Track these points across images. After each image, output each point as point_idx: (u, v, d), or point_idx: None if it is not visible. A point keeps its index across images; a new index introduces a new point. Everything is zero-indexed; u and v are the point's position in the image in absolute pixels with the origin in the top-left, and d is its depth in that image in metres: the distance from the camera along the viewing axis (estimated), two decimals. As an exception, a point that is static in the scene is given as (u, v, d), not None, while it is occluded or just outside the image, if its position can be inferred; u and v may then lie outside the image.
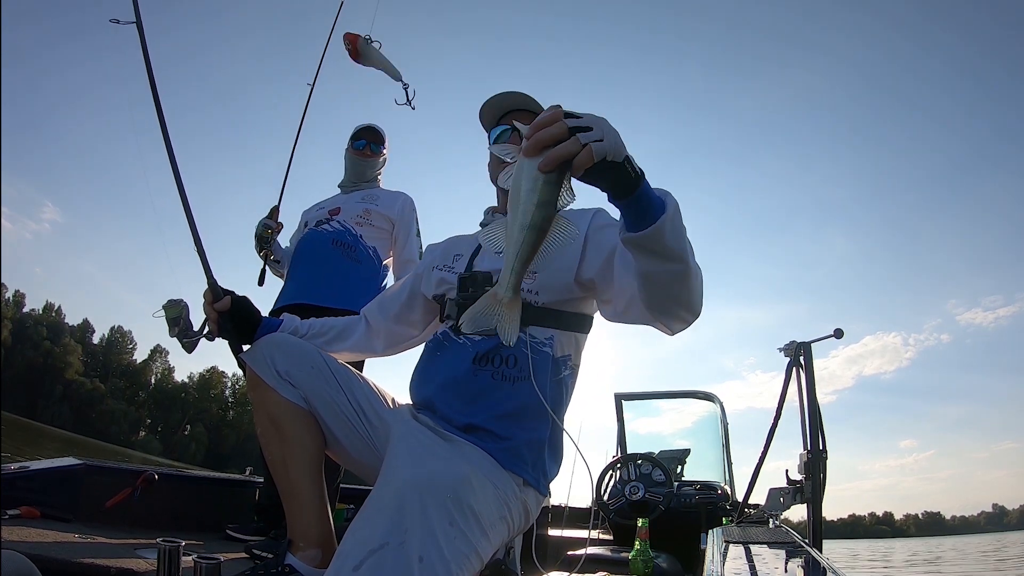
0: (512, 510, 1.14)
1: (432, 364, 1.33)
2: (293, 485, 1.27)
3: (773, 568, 1.49)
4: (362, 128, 2.60)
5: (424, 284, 1.45)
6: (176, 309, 1.42)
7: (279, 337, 1.34)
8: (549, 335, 1.25)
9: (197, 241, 1.42)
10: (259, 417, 1.30)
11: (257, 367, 1.28)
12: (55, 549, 1.50)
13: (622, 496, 2.95)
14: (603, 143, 0.77)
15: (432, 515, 0.94)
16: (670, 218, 0.88)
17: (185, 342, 1.42)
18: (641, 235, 0.88)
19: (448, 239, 1.54)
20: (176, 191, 1.44)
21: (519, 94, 1.40)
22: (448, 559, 0.92)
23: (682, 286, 0.98)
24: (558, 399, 1.26)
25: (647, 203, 0.87)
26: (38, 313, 56.87)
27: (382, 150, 2.62)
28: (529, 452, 1.20)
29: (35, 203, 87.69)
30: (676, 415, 4.24)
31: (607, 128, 0.79)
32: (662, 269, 0.94)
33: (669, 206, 0.88)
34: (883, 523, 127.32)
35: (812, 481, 2.41)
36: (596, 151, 0.76)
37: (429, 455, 1.12)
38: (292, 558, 1.24)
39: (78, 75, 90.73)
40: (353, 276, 2.38)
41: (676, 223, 0.90)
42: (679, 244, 0.92)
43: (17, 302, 55.28)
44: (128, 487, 2.11)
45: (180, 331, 1.41)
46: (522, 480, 1.17)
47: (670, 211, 0.88)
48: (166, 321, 1.43)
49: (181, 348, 1.43)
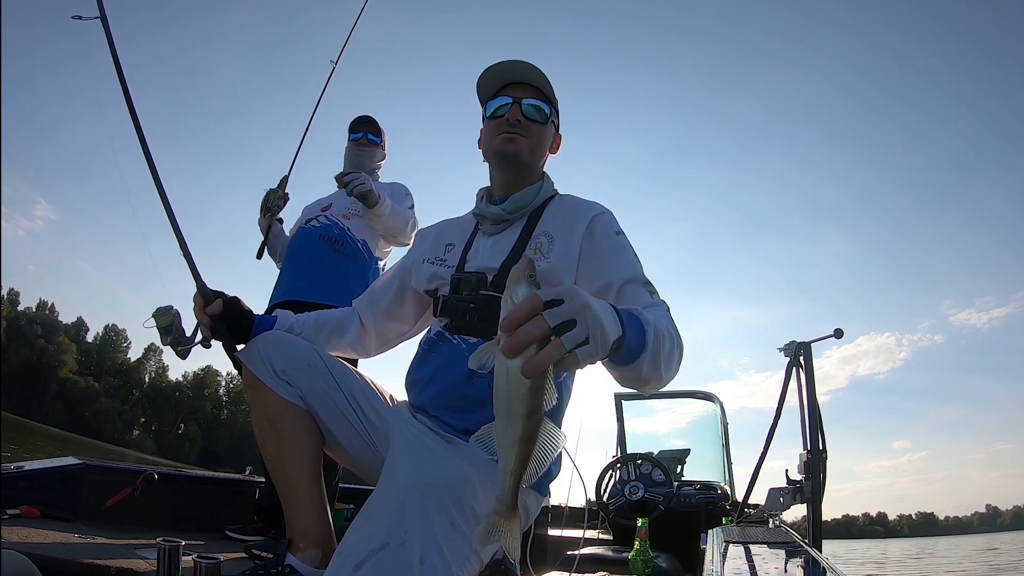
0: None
1: (426, 365, 1.31)
2: (292, 485, 1.27)
3: (773, 568, 1.49)
4: (358, 119, 2.59)
5: (414, 278, 1.42)
6: (167, 317, 1.36)
7: (275, 335, 1.32)
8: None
9: (183, 245, 1.37)
10: (257, 417, 1.28)
11: (254, 367, 1.26)
12: (55, 549, 1.50)
13: (622, 496, 2.95)
14: (588, 347, 0.72)
15: (433, 516, 0.94)
16: (650, 354, 0.88)
17: (179, 350, 1.37)
18: (621, 370, 0.90)
19: (438, 224, 1.50)
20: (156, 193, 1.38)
21: (523, 63, 1.31)
22: (449, 560, 0.93)
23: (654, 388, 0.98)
24: (557, 401, 1.25)
25: (627, 351, 0.85)
26: (32, 311, 56.59)
27: (380, 141, 2.61)
28: None
29: (28, 200, 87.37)
30: (671, 415, 4.25)
31: (591, 319, 0.73)
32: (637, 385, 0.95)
33: (649, 344, 0.88)
34: (877, 523, 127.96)
35: (812, 481, 2.41)
36: (581, 357, 0.72)
37: (430, 455, 1.12)
38: (292, 558, 1.23)
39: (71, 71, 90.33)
40: (342, 270, 2.36)
41: (656, 356, 0.90)
42: (656, 372, 0.92)
43: (11, 300, 54.95)
44: (128, 487, 2.10)
45: (173, 339, 1.36)
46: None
47: (650, 349, 0.88)
48: (157, 330, 1.39)
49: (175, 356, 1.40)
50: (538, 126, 1.33)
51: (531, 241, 1.27)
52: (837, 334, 2.62)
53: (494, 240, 1.32)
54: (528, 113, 1.31)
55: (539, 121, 1.32)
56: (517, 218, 1.32)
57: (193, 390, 63.21)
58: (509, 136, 1.30)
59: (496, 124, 1.32)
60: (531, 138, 1.32)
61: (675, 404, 4.07)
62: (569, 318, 0.71)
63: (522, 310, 0.70)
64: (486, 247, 1.32)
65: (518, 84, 1.33)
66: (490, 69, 1.33)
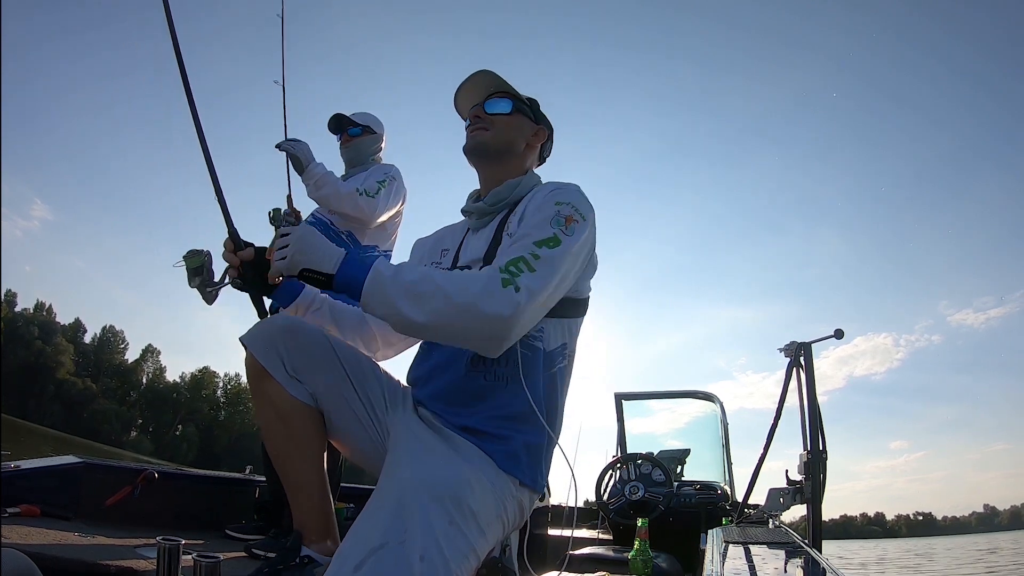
0: (508, 510, 1.15)
1: (427, 362, 1.32)
2: (300, 479, 1.27)
3: (773, 568, 1.50)
4: (329, 121, 2.56)
5: None
6: (198, 259, 1.38)
7: (285, 321, 1.28)
8: (539, 327, 1.20)
9: (218, 189, 1.35)
10: (263, 409, 1.25)
11: (265, 360, 1.22)
12: (55, 548, 1.49)
13: (622, 496, 2.95)
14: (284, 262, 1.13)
15: (432, 515, 0.96)
16: (370, 293, 1.08)
17: (208, 291, 1.38)
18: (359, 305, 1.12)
19: (437, 232, 1.51)
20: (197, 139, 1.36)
21: (492, 75, 1.36)
22: (448, 558, 0.94)
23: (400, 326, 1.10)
24: (553, 394, 1.25)
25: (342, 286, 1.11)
26: (29, 312, 56.45)
27: (359, 131, 2.55)
28: (526, 454, 1.19)
29: (25, 200, 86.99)
30: (669, 415, 4.25)
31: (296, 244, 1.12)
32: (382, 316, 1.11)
33: (365, 285, 1.08)
34: (874, 523, 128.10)
35: (812, 481, 2.42)
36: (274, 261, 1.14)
37: (429, 455, 1.12)
38: (308, 549, 1.23)
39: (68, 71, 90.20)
40: None
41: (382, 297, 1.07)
42: (387, 309, 1.08)
43: (8, 301, 54.82)
44: (128, 486, 2.10)
45: (202, 281, 1.38)
46: (518, 481, 1.17)
47: (366, 290, 1.08)
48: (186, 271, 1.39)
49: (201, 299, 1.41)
50: (502, 117, 1.37)
51: (507, 228, 1.29)
52: (837, 334, 2.62)
53: (479, 234, 1.36)
54: (489, 108, 1.37)
55: (502, 112, 1.38)
56: (499, 210, 1.35)
57: (190, 391, 63.09)
58: (473, 131, 1.37)
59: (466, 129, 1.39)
60: (494, 128, 1.36)
61: (675, 404, 4.08)
62: (284, 235, 1.14)
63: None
64: (474, 243, 1.35)
65: (466, 88, 1.39)
66: (463, 86, 1.39)
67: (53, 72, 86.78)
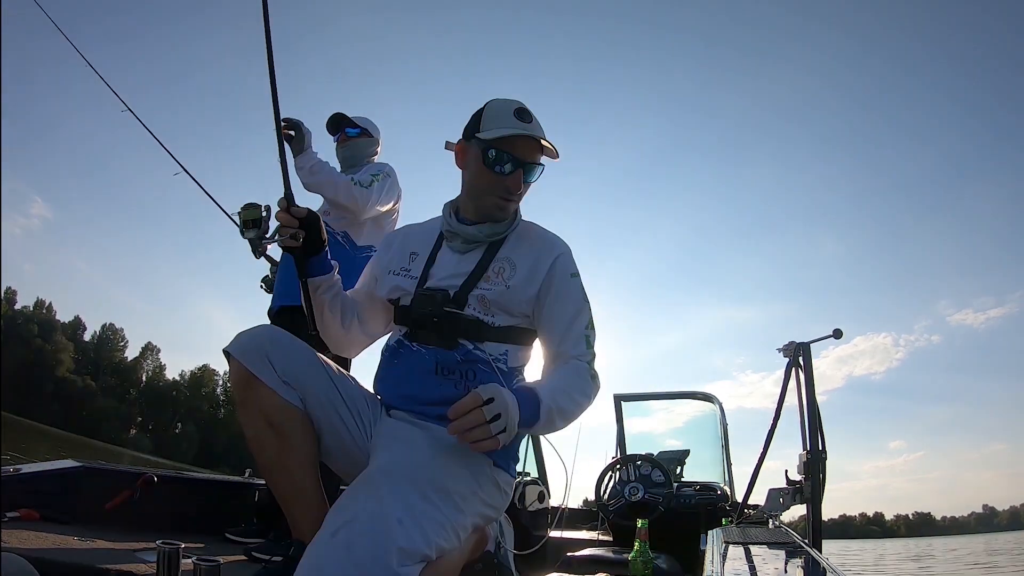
0: (483, 487, 1.22)
1: (392, 372, 1.36)
2: (298, 486, 1.26)
3: (773, 569, 1.50)
4: (328, 121, 2.53)
5: (380, 287, 1.44)
6: (255, 211, 1.43)
7: (270, 331, 1.30)
8: (503, 351, 1.32)
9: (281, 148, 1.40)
10: (251, 418, 1.23)
11: (253, 366, 1.22)
12: (54, 552, 1.50)
13: (622, 497, 2.95)
14: (505, 434, 1.06)
15: (406, 491, 1.04)
16: (541, 426, 1.19)
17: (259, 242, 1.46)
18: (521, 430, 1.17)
19: (403, 229, 1.54)
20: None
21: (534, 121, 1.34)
22: (424, 527, 1.02)
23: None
24: None
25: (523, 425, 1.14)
26: (29, 310, 56.43)
27: (357, 131, 2.53)
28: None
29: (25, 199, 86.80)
30: (667, 415, 4.25)
31: (511, 414, 1.07)
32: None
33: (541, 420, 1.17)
34: (873, 523, 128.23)
35: (812, 481, 2.42)
36: (501, 440, 1.06)
37: (403, 444, 1.20)
38: None
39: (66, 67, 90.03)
40: None
41: (549, 425, 1.21)
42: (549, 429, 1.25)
43: (8, 299, 54.78)
44: (127, 489, 2.10)
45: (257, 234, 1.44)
46: (491, 461, 1.25)
47: (541, 423, 1.18)
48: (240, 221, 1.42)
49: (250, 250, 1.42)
50: (528, 187, 1.39)
51: (493, 264, 1.34)
52: (836, 334, 2.62)
53: (459, 258, 1.37)
54: (528, 180, 1.37)
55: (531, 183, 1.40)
56: (484, 242, 1.38)
57: (190, 389, 63.09)
58: (507, 201, 1.36)
59: (494, 181, 1.34)
60: (520, 199, 1.40)
61: (674, 405, 4.08)
62: (497, 413, 1.04)
63: (466, 404, 1.05)
64: (451, 263, 1.37)
65: (524, 139, 1.32)
66: (501, 109, 1.34)
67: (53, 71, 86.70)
